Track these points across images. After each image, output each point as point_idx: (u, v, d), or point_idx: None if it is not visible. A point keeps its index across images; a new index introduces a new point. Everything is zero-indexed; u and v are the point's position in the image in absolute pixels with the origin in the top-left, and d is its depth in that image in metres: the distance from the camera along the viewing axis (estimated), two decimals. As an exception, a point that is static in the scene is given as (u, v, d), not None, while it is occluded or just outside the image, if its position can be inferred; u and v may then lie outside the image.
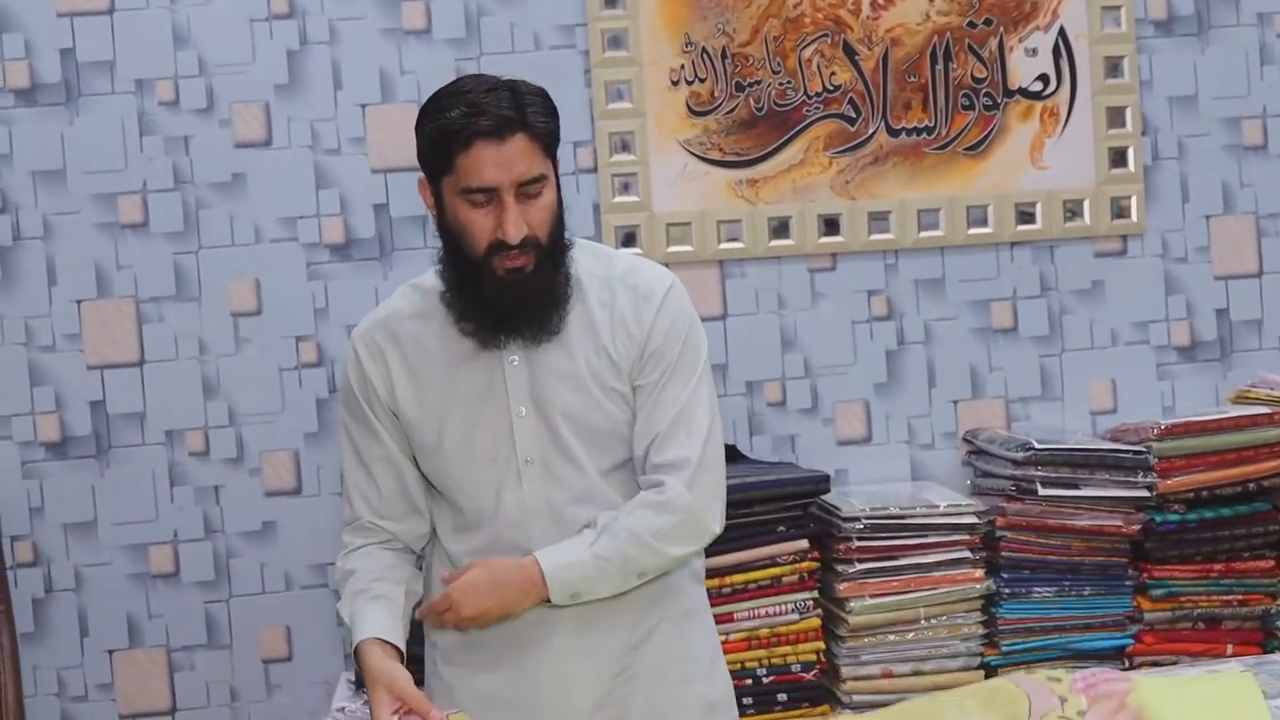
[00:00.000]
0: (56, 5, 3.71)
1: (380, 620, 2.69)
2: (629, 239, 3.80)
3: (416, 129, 2.67)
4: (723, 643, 2.96)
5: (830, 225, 3.87)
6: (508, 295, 2.63)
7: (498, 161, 2.57)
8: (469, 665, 2.77)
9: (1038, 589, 3.55)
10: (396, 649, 2.67)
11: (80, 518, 3.70)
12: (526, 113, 2.59)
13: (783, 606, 3.49)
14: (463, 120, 2.57)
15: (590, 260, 2.76)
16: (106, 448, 3.71)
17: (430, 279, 2.76)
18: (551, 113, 2.65)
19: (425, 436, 2.73)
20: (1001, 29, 3.90)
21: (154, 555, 3.72)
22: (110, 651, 3.73)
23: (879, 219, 3.88)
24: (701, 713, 2.80)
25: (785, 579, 3.49)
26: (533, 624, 2.72)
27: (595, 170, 3.81)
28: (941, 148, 3.90)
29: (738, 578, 3.48)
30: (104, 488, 3.71)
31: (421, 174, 2.70)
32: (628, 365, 2.71)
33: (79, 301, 3.69)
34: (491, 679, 2.75)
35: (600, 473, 2.72)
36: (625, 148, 3.80)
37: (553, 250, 2.66)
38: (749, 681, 3.45)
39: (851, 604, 3.48)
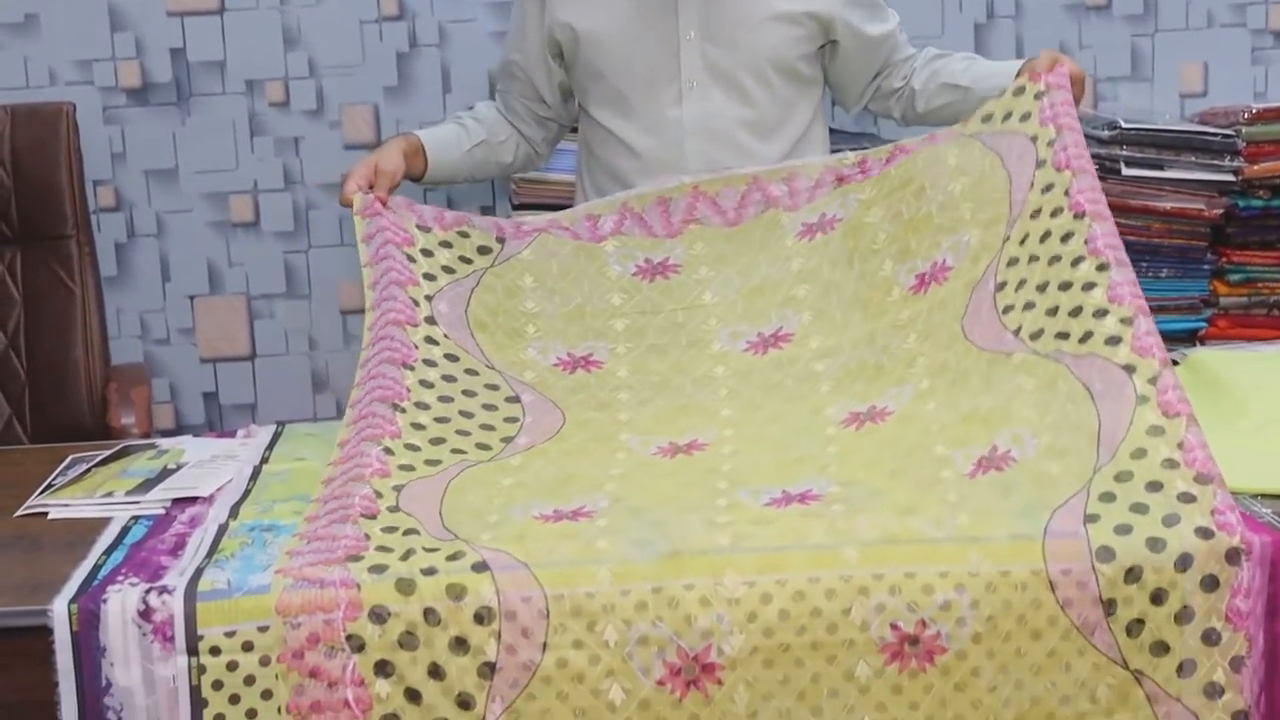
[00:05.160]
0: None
1: (437, 132, 2.86)
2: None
3: None
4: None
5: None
6: None
7: None
8: None
9: (1114, 269, 3.53)
10: (425, 158, 2.79)
11: (161, 165, 3.73)
12: None
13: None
14: None
15: None
16: (187, 95, 3.71)
17: None
18: None
19: (591, 54, 2.83)
20: None
21: (234, 204, 3.76)
22: (191, 297, 3.79)
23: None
24: None
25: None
26: None
27: None
28: None
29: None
30: (185, 136, 3.72)
31: None
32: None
33: (159, -55, 3.67)
34: None
35: (761, 99, 2.82)
36: None
37: None
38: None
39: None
